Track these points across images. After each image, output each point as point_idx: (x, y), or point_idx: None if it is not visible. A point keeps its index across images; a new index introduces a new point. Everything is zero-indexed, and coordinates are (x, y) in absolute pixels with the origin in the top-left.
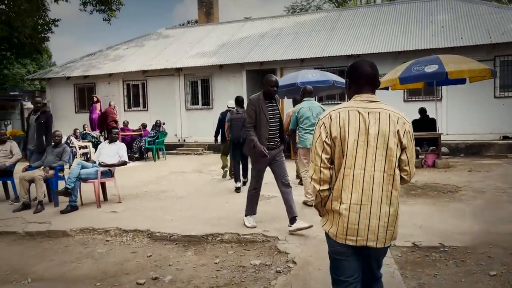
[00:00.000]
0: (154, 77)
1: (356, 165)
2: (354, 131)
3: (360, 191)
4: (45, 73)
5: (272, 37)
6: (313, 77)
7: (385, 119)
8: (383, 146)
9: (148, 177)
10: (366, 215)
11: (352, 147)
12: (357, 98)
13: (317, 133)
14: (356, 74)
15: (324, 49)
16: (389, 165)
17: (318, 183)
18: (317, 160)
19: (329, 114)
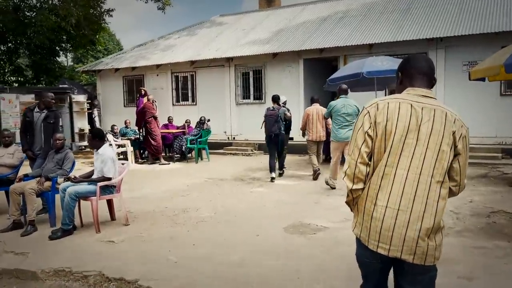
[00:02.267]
0: (203, 68)
1: (399, 164)
2: (403, 125)
3: (400, 194)
4: (95, 64)
5: (336, 21)
6: (383, 65)
7: (440, 117)
8: (435, 148)
9: (179, 184)
10: (403, 222)
11: (398, 143)
12: (410, 91)
13: (359, 123)
14: (409, 67)
15: (397, 33)
16: (439, 170)
17: (351, 180)
18: (355, 153)
19: (376, 103)
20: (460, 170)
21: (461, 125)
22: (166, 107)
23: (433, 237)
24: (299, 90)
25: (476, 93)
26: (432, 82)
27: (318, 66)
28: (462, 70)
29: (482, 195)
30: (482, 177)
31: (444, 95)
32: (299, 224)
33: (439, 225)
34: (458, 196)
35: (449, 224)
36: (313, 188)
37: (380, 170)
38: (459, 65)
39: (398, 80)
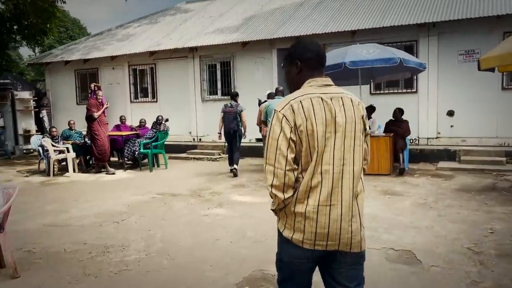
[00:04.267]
0: (164, 60)
1: (324, 160)
2: (322, 122)
3: (329, 190)
4: (42, 57)
5: (313, 5)
6: (369, 54)
7: (349, 104)
8: (351, 136)
9: (118, 203)
10: (337, 216)
11: (322, 140)
12: (313, 82)
13: (277, 129)
14: (307, 54)
15: (383, 18)
16: (357, 156)
17: (281, 190)
18: (281, 161)
19: (289, 105)
20: (368, 149)
21: (363, 106)
22: (123, 104)
23: (360, 220)
24: (273, 84)
25: (474, 86)
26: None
27: None
28: (457, 61)
29: (503, 220)
30: (490, 189)
31: (438, 89)
32: (261, 276)
33: (362, 208)
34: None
35: (472, 274)
36: None
37: (309, 171)
38: (454, 55)
39: (295, 70)
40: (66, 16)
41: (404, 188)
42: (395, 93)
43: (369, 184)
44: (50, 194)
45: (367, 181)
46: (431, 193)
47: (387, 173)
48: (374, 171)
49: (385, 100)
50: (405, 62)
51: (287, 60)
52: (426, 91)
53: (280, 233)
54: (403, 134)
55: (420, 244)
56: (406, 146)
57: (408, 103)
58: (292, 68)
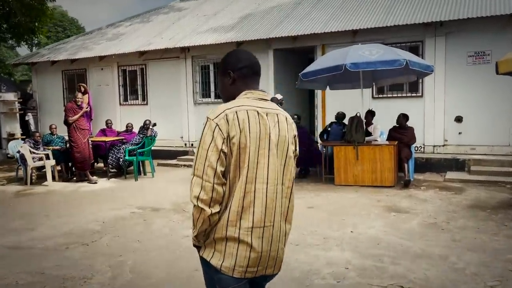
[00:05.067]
0: (155, 60)
1: (257, 179)
2: (256, 136)
3: (263, 210)
4: (29, 56)
5: (312, 4)
6: (372, 55)
7: (283, 122)
8: (283, 154)
9: (93, 219)
10: (269, 238)
11: (254, 156)
12: (249, 95)
13: (208, 139)
14: (242, 65)
15: (387, 16)
16: (288, 176)
17: (208, 205)
18: (210, 174)
19: (224, 114)
20: (293, 170)
21: (295, 126)
22: (112, 107)
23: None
24: (269, 87)
25: (484, 90)
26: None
27: (292, 58)
28: (466, 63)
29: None
30: (507, 206)
31: (445, 93)
32: None
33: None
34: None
35: None
36: None
37: (240, 189)
38: (463, 56)
39: (229, 81)
40: (64, 16)
41: (411, 204)
42: (399, 97)
43: (372, 197)
44: (21, 207)
45: (370, 193)
46: (441, 210)
47: (391, 185)
48: (377, 183)
49: (388, 105)
50: (411, 65)
51: (219, 71)
52: (432, 95)
53: (206, 263)
54: (408, 142)
55: (434, 281)
56: (411, 155)
57: (413, 108)
58: (226, 79)
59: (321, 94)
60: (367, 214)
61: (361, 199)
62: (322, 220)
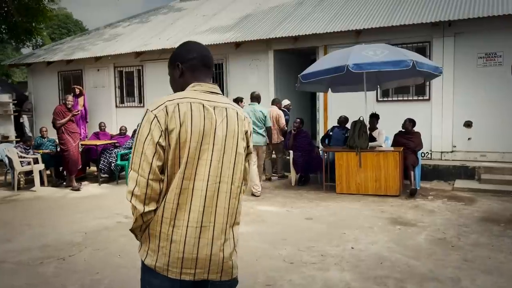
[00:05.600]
0: (152, 61)
1: (197, 175)
2: (198, 130)
3: (201, 209)
4: (24, 57)
5: (314, 3)
6: (377, 55)
7: (233, 116)
8: (232, 151)
9: (75, 230)
10: (208, 240)
11: (194, 151)
12: (197, 87)
13: (145, 131)
14: (191, 56)
15: (392, 16)
16: (237, 174)
17: (142, 202)
18: (145, 168)
19: (164, 105)
20: (248, 169)
21: (249, 122)
22: (108, 109)
23: (234, 245)
24: (269, 88)
25: (495, 94)
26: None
27: (293, 59)
28: (476, 65)
29: None
30: None
31: (454, 97)
32: None
33: (237, 232)
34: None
35: None
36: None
37: (176, 185)
38: (473, 58)
39: (178, 72)
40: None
41: (417, 215)
42: (405, 100)
43: (375, 208)
44: (3, 215)
45: (373, 203)
46: (451, 223)
47: (395, 194)
48: (381, 191)
49: (394, 109)
50: (419, 66)
51: (169, 63)
52: (440, 98)
53: (142, 263)
54: (414, 148)
55: None
56: (417, 162)
57: (420, 112)
58: (175, 71)
59: (323, 97)
60: (370, 227)
61: (363, 210)
62: (321, 234)
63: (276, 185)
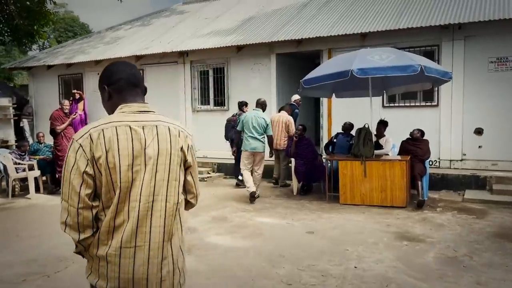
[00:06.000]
0: (152, 65)
1: (131, 197)
2: (127, 153)
3: (134, 229)
4: (25, 60)
5: (319, 6)
6: (383, 60)
7: (165, 134)
8: (165, 169)
9: (64, 243)
10: (143, 260)
11: (127, 175)
12: (125, 109)
13: (71, 161)
14: (117, 78)
15: (399, 18)
16: (172, 192)
17: (76, 231)
18: (74, 198)
19: (88, 133)
20: (194, 182)
21: (186, 136)
22: (108, 114)
23: (177, 262)
24: (271, 93)
25: (507, 99)
26: (144, 91)
27: (296, 63)
28: (488, 69)
29: None
30: None
31: (463, 102)
32: None
33: (180, 249)
34: None
35: None
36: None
37: (112, 209)
38: (484, 63)
39: (106, 96)
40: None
41: (425, 230)
42: (412, 106)
43: (381, 221)
44: None
45: (379, 215)
46: (462, 239)
47: (402, 205)
48: (387, 202)
49: (400, 115)
50: (427, 71)
51: (98, 86)
52: (449, 104)
53: None
54: (422, 156)
55: None
56: (425, 172)
57: (428, 119)
58: (103, 94)
59: (327, 102)
60: (375, 243)
61: (368, 223)
62: (322, 251)
63: (277, 194)
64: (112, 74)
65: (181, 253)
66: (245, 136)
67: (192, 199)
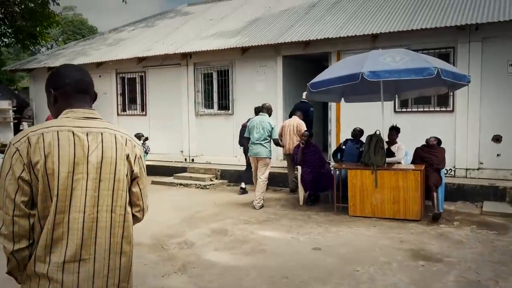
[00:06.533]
0: (155, 68)
1: (72, 207)
2: (68, 160)
3: (78, 242)
4: (26, 62)
5: (327, 6)
6: (396, 62)
7: (110, 141)
8: (109, 178)
9: None
10: (88, 274)
11: (66, 182)
12: (70, 113)
13: (6, 165)
14: (63, 83)
15: (412, 19)
16: (118, 202)
17: (11, 240)
18: (9, 206)
19: (26, 137)
20: (141, 194)
21: (134, 145)
22: (109, 117)
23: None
24: (277, 97)
25: None
26: (93, 97)
27: (303, 66)
28: (507, 72)
29: None
30: None
31: (480, 108)
32: None
33: (129, 261)
34: None
35: None
36: None
37: (50, 220)
38: (503, 65)
39: (52, 99)
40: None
41: (443, 247)
42: (426, 111)
43: (393, 236)
44: None
45: (391, 230)
46: (484, 260)
47: (416, 218)
48: (399, 215)
49: (413, 120)
50: (444, 74)
51: (45, 89)
52: (465, 109)
53: None
54: (437, 164)
55: None
56: (441, 182)
57: (442, 125)
58: (49, 97)
59: (335, 107)
60: (388, 262)
61: (380, 239)
62: (330, 271)
63: (283, 203)
64: (59, 78)
65: (129, 264)
66: (250, 142)
67: (138, 213)
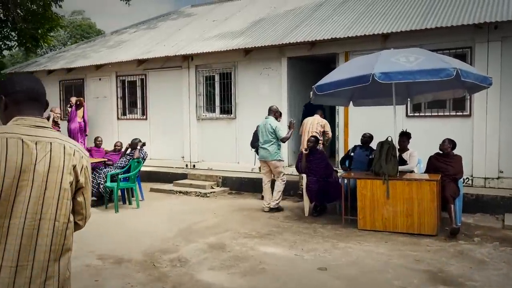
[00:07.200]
0: (156, 70)
1: (14, 213)
2: (14, 166)
3: (17, 248)
4: (26, 65)
5: (335, 5)
6: (411, 63)
7: (58, 151)
8: (55, 187)
9: None
10: (25, 279)
11: (10, 188)
12: (20, 121)
13: None
14: (15, 89)
15: (426, 17)
16: (62, 211)
17: None
18: None
19: None
20: (85, 203)
21: (81, 156)
22: (110, 122)
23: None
24: (282, 100)
25: None
26: (44, 106)
27: (309, 68)
28: None
29: None
30: None
31: (500, 112)
32: None
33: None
34: None
35: None
36: None
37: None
38: None
39: (2, 105)
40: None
41: (464, 268)
42: (440, 116)
43: (408, 254)
44: None
45: (405, 246)
46: (511, 284)
47: (432, 233)
48: (413, 229)
49: (426, 126)
50: (464, 76)
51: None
52: (483, 114)
53: None
54: (454, 174)
55: None
56: (458, 193)
57: (459, 130)
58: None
59: (343, 111)
60: (403, 286)
61: (392, 257)
62: None
63: (287, 214)
64: (12, 85)
65: (68, 272)
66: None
67: (80, 221)
